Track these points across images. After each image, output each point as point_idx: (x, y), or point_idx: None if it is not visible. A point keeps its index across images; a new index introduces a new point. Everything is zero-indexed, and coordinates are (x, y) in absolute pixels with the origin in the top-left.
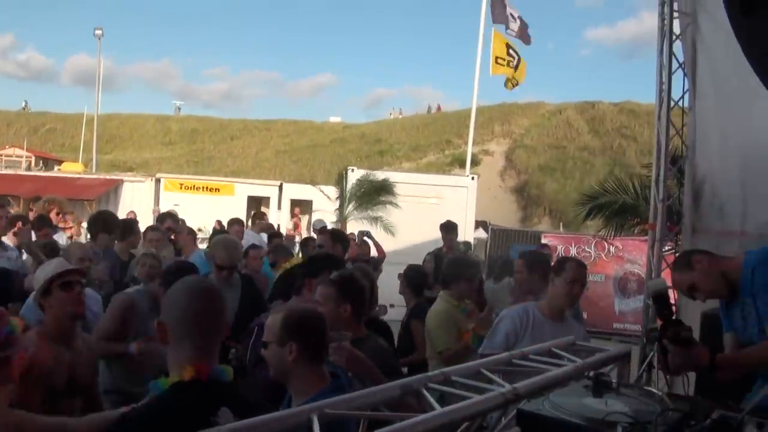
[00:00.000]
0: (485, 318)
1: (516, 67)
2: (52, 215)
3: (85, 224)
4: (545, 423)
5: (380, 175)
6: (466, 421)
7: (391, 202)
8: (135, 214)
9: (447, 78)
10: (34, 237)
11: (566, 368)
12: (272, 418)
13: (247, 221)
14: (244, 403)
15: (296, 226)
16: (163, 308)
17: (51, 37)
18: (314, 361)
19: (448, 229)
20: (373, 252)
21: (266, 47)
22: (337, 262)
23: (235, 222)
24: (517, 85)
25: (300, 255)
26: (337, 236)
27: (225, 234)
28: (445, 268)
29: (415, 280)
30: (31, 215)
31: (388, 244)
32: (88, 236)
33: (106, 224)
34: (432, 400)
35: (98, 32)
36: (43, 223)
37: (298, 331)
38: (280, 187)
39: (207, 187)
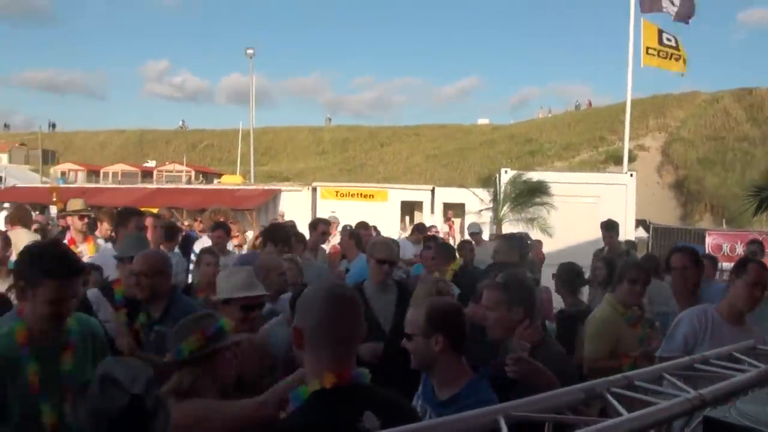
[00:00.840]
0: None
1: (672, 56)
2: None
3: (249, 233)
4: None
5: (534, 175)
6: (651, 428)
7: (546, 203)
8: (281, 219)
9: (595, 72)
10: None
11: (750, 374)
12: (457, 419)
13: (401, 226)
14: (387, 404)
15: (449, 229)
16: (299, 313)
17: (204, 60)
18: (458, 352)
19: (609, 227)
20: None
21: (411, 53)
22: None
23: (362, 226)
24: (684, 67)
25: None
26: (511, 240)
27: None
28: (618, 269)
29: (569, 278)
30: (198, 226)
31: (546, 245)
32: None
33: (274, 235)
34: (617, 405)
35: (250, 52)
36: (219, 227)
37: (444, 323)
38: (433, 191)
39: (361, 194)
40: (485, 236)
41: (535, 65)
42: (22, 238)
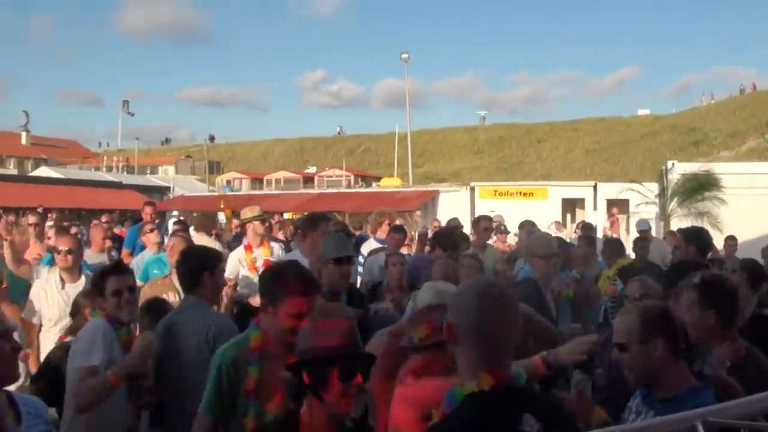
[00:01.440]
0: None
1: None
2: (384, 226)
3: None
4: None
5: (704, 167)
6: None
7: (717, 197)
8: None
9: (759, 53)
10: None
11: None
12: (659, 422)
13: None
14: (546, 407)
15: (612, 225)
16: (453, 310)
17: (359, 67)
18: (678, 355)
19: None
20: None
21: (566, 46)
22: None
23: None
24: None
25: (632, 256)
26: (691, 236)
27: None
28: None
29: (753, 276)
30: (367, 228)
31: (716, 241)
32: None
33: (443, 241)
34: None
35: (405, 56)
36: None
37: (663, 326)
38: (595, 188)
39: (520, 192)
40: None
41: (697, 49)
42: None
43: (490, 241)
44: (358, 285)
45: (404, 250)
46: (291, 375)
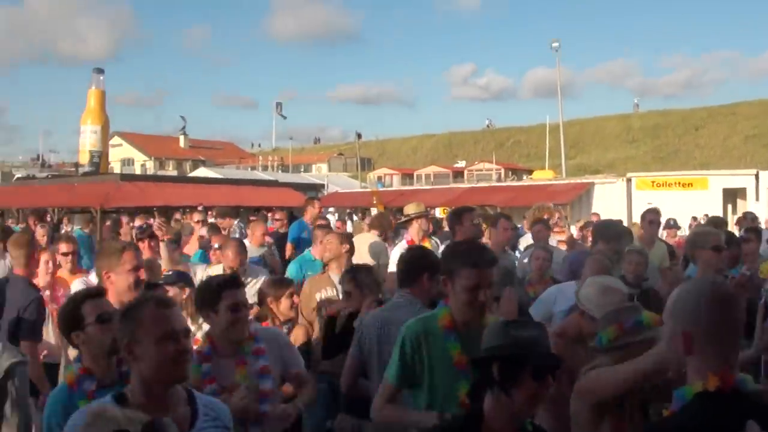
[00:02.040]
0: None
1: None
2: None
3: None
4: None
5: None
6: None
7: None
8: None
9: None
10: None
11: None
12: None
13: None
14: None
15: None
16: (683, 316)
17: (508, 58)
18: None
19: None
20: None
21: (721, 25)
22: None
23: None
24: None
25: None
26: None
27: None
28: None
29: None
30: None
31: None
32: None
33: (604, 233)
34: None
35: (555, 44)
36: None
37: None
38: (756, 176)
39: (679, 183)
40: None
41: None
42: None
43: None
44: None
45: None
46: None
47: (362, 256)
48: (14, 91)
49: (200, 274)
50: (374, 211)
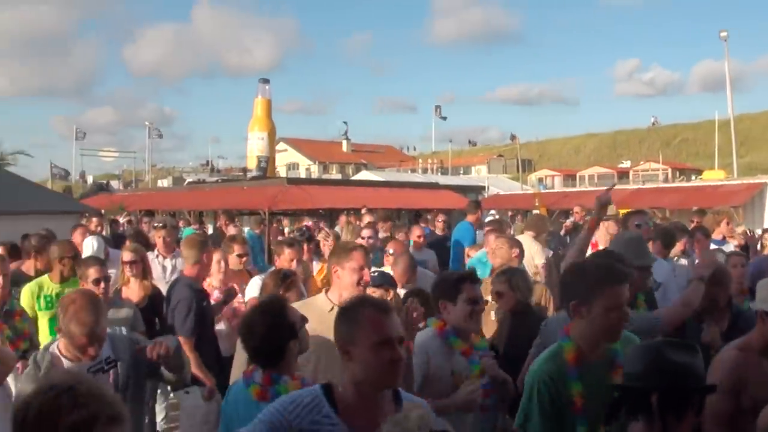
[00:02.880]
0: None
1: None
2: (722, 226)
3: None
4: None
5: None
6: None
7: None
8: None
9: None
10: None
11: None
12: None
13: None
14: None
15: None
16: None
17: (674, 51)
18: None
19: None
20: None
21: None
22: None
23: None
24: None
25: None
26: None
27: None
28: None
29: None
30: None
31: None
32: None
33: None
34: None
35: (723, 34)
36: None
37: None
38: None
39: None
40: None
41: None
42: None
43: None
44: None
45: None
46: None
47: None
48: (185, 102)
49: None
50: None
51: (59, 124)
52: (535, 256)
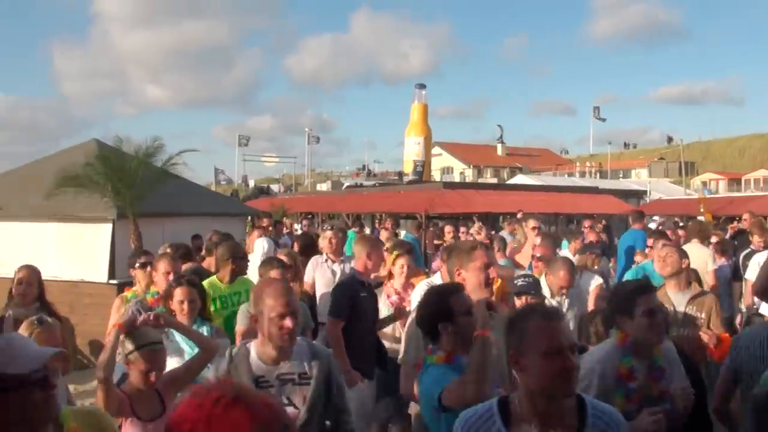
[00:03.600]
0: None
1: None
2: None
3: None
4: None
5: None
6: None
7: None
8: None
9: None
10: None
11: None
12: None
13: None
14: None
15: None
16: None
17: None
18: None
19: None
20: None
21: None
22: None
23: None
24: None
25: None
26: None
27: None
28: None
29: None
30: None
31: None
32: None
33: None
34: None
35: None
36: None
37: None
38: None
39: None
40: None
41: None
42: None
43: None
44: None
45: None
46: None
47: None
48: (343, 108)
49: None
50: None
51: (222, 132)
52: (708, 262)
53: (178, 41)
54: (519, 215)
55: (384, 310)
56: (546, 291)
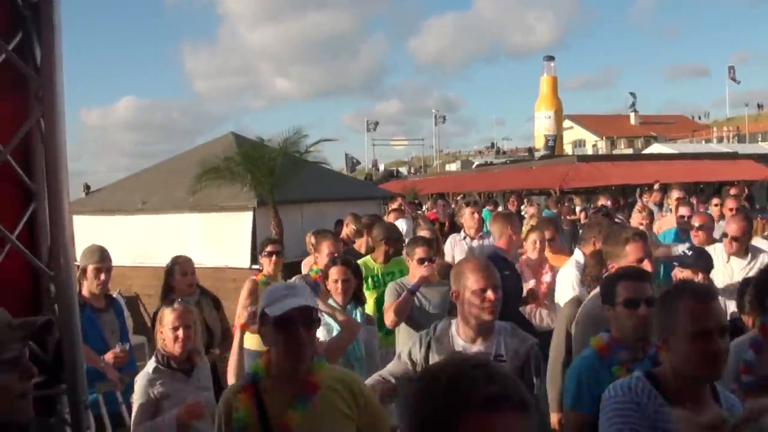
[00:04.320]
0: None
1: None
2: None
3: None
4: None
5: None
6: None
7: None
8: None
9: None
10: None
11: None
12: None
13: None
14: None
15: None
16: None
17: None
18: None
19: None
20: None
21: None
22: None
23: None
24: None
25: None
26: None
27: None
28: None
29: None
30: None
31: None
32: None
33: None
34: None
35: None
36: None
37: None
38: None
39: None
40: None
41: None
42: None
43: None
44: None
45: None
46: None
47: None
48: (469, 87)
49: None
50: None
51: (350, 118)
52: None
53: (304, 33)
54: (656, 186)
55: None
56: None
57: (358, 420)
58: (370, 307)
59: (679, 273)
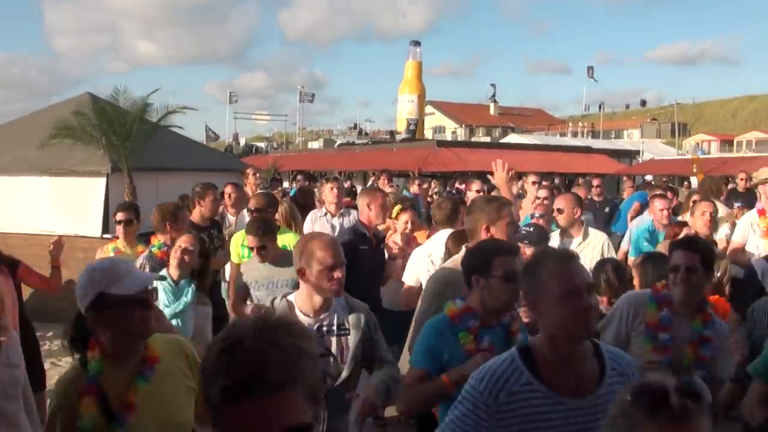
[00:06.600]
0: None
1: None
2: None
3: None
4: None
5: None
6: None
7: None
8: None
9: None
10: None
11: None
12: None
13: None
14: None
15: None
16: None
17: None
18: None
19: None
20: None
21: None
22: None
23: None
24: None
25: None
26: None
27: None
28: None
29: None
30: None
31: None
32: None
33: None
34: None
35: None
36: None
37: None
38: None
39: None
40: None
41: None
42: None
43: None
44: None
45: None
46: None
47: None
48: (337, 66)
49: None
50: (694, 181)
51: (214, 89)
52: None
53: None
54: (511, 174)
55: None
56: None
57: (195, 380)
58: None
59: (527, 249)
